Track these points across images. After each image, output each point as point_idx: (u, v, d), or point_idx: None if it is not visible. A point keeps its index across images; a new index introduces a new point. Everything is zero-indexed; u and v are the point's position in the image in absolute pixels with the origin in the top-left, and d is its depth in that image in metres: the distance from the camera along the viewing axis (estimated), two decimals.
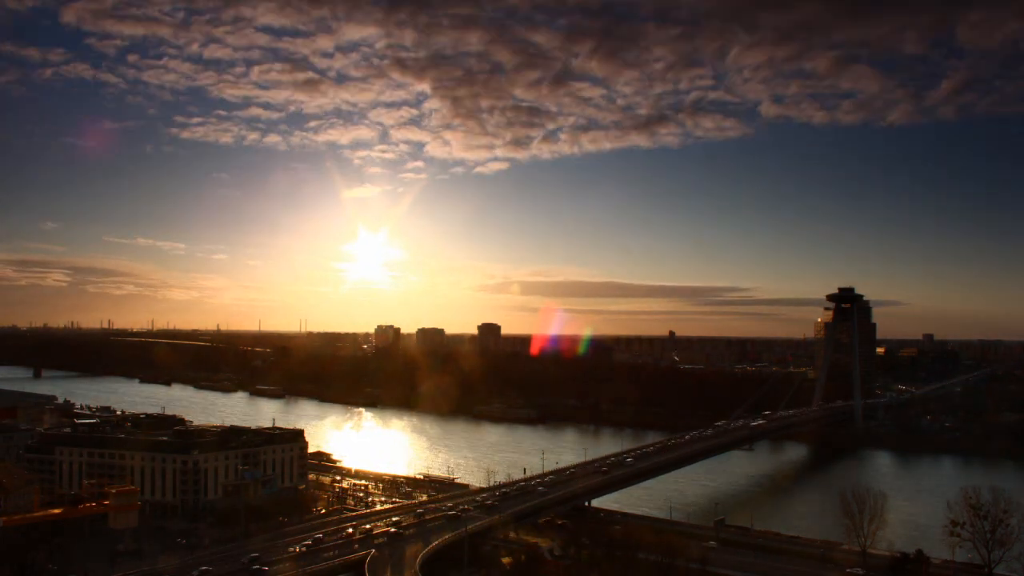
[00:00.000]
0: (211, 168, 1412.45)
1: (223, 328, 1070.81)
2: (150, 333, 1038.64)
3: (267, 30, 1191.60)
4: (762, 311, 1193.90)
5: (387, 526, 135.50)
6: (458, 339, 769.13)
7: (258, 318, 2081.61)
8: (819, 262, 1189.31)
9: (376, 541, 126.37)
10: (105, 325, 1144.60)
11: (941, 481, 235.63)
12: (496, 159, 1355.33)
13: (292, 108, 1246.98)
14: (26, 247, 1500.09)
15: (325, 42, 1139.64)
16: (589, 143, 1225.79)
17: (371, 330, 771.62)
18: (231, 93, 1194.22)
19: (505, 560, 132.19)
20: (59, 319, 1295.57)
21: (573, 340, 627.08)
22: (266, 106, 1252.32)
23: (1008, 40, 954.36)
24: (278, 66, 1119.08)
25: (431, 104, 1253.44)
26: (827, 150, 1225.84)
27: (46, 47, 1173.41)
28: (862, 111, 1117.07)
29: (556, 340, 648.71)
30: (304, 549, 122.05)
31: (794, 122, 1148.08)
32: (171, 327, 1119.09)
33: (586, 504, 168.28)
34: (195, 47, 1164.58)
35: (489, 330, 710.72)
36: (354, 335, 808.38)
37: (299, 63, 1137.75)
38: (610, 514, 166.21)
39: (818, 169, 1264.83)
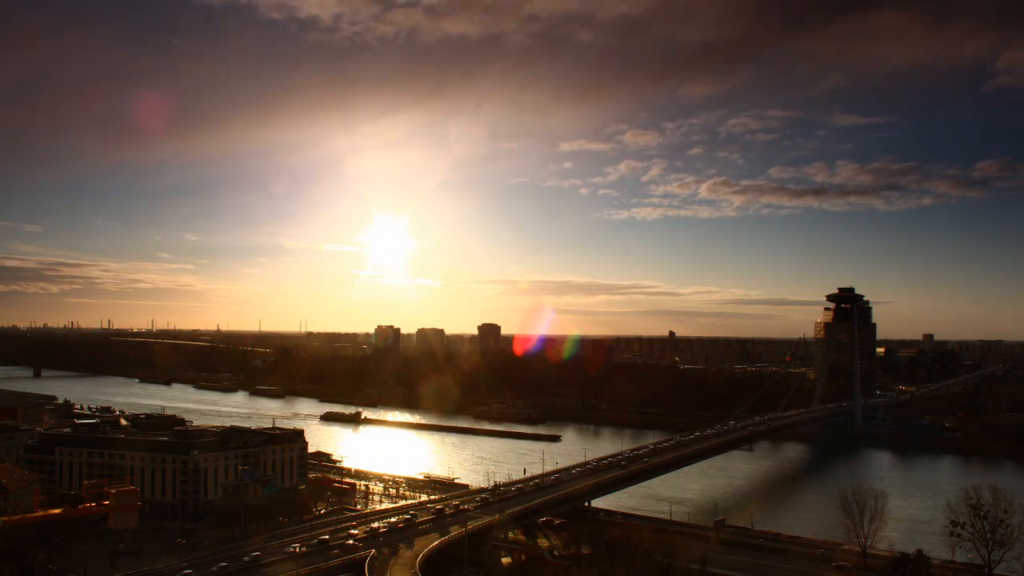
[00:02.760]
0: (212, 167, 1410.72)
1: (223, 328, 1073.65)
2: (150, 333, 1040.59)
3: None
4: (762, 311, 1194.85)
5: (387, 526, 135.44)
6: (458, 339, 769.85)
7: (258, 318, 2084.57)
8: (819, 262, 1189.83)
9: (376, 541, 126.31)
10: (105, 325, 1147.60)
11: (941, 481, 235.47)
12: None
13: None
14: (25, 247, 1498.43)
15: None
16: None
17: (371, 331, 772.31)
18: None
19: (505, 560, 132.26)
20: (59, 319, 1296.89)
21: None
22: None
23: None
24: None
25: None
26: None
27: None
28: None
29: (556, 341, 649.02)
30: (304, 549, 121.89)
31: None
32: (171, 327, 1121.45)
33: (586, 504, 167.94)
34: None
35: (489, 330, 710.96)
36: (354, 335, 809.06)
37: None
38: (610, 514, 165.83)
39: None
